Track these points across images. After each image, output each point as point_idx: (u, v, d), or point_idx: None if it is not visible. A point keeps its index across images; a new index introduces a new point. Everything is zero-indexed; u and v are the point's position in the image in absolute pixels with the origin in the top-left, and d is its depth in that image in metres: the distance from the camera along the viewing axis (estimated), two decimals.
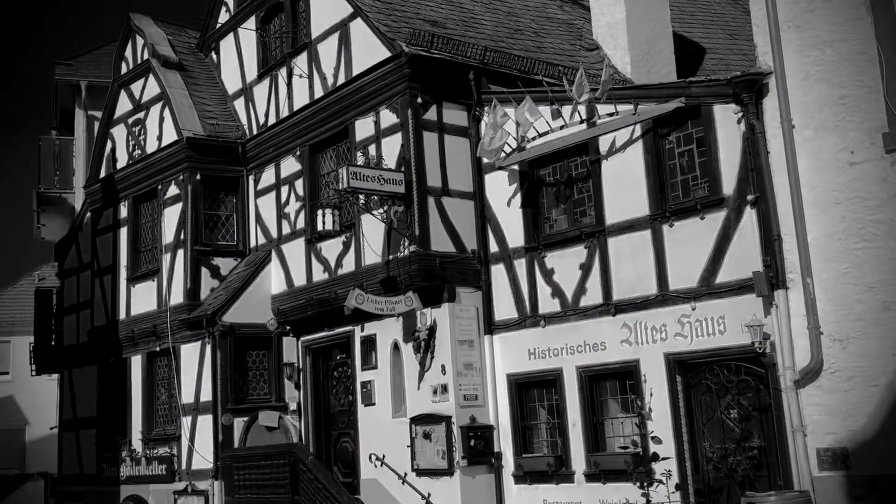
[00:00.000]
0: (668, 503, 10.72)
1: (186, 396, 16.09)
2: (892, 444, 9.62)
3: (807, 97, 10.60)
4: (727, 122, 11.25)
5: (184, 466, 15.98)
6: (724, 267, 11.14)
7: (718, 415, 11.34)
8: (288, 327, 16.02)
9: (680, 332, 11.52)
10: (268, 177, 16.69)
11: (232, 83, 18.04)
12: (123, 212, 18.65)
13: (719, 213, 11.23)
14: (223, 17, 18.39)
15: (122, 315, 18.18)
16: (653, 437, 11.31)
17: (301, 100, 15.81)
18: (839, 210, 10.23)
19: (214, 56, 18.66)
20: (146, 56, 18.16)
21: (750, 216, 10.92)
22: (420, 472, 13.26)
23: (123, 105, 19.11)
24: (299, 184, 15.83)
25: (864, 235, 10.02)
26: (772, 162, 10.77)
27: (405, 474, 13.46)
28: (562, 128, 12.80)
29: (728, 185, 11.17)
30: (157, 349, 16.97)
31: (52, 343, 21.48)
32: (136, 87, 18.70)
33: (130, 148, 18.58)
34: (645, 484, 10.64)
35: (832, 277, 10.22)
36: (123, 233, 18.56)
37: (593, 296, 12.50)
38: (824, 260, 10.29)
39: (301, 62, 15.90)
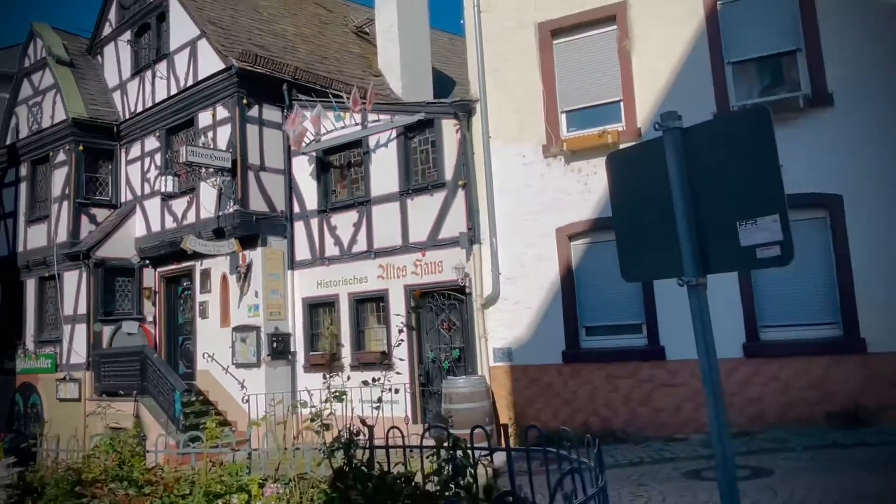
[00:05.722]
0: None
1: (68, 310, 15.06)
2: (536, 346, 10.47)
3: (499, 119, 11.11)
4: (449, 131, 11.62)
5: (64, 361, 15.04)
6: (443, 228, 11.58)
7: (436, 326, 11.84)
8: (147, 261, 15.24)
9: (414, 271, 11.92)
10: (135, 150, 15.68)
11: (112, 80, 16.71)
12: (24, 171, 17.07)
13: (442, 193, 11.63)
14: (107, 30, 16.99)
15: (21, 249, 16.73)
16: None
17: (161, 95, 14.92)
18: (515, 194, 10.84)
19: (100, 58, 17.23)
20: (44, 55, 16.64)
21: (461, 195, 11.38)
22: (238, 365, 13.13)
23: (26, 90, 17.34)
24: (158, 157, 15.00)
25: (528, 210, 10.71)
26: (475, 160, 11.21)
27: (228, 367, 13.31)
28: (344, 128, 12.80)
29: (448, 174, 11.59)
30: (47, 275, 15.80)
31: None
32: (35, 78, 17.02)
33: (30, 123, 16.95)
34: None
35: (508, 237, 10.84)
36: (23, 187, 16.98)
37: (361, 245, 12.68)
38: (504, 226, 10.89)
39: (161, 67, 14.98)
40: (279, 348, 12.99)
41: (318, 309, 13.36)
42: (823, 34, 9.06)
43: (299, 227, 13.60)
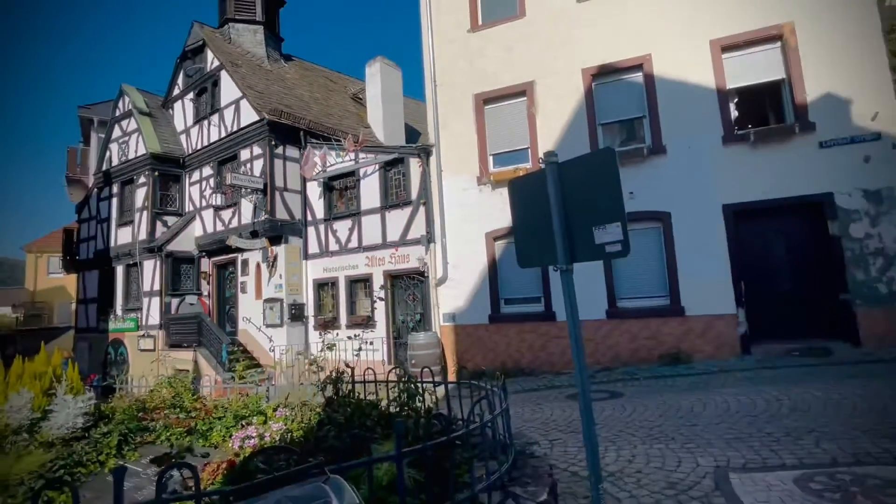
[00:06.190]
0: (370, 342, 10.81)
1: (146, 287, 14.41)
2: (471, 312, 10.34)
3: (450, 158, 10.93)
4: (415, 166, 11.42)
5: (144, 323, 14.38)
6: (410, 231, 11.38)
7: (405, 298, 11.65)
8: (204, 253, 14.62)
9: (390, 261, 11.69)
10: (195, 175, 15.01)
11: (179, 126, 15.95)
12: (115, 189, 16.15)
13: (409, 208, 11.43)
14: (176, 91, 16.18)
15: (112, 244, 15.88)
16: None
17: (214, 137, 14.31)
18: (458, 210, 10.68)
19: (171, 111, 16.43)
20: (130, 107, 15.81)
21: (422, 210, 11.20)
22: (268, 326, 12.73)
23: (116, 132, 16.40)
24: (211, 180, 14.37)
25: (466, 220, 10.56)
26: (432, 187, 11.04)
27: (260, 327, 12.91)
28: (342, 163, 12.52)
29: (414, 195, 11.37)
30: (131, 263, 15.04)
31: (75, 257, 18.44)
32: (124, 123, 16.13)
33: (119, 156, 16.09)
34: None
35: (454, 238, 10.69)
36: (114, 201, 16.09)
37: (354, 243, 12.37)
38: (451, 231, 10.73)
39: (215, 118, 14.39)
40: (296, 314, 12.63)
41: (324, 286, 13.02)
42: (660, 106, 9.21)
43: (311, 230, 13.21)
